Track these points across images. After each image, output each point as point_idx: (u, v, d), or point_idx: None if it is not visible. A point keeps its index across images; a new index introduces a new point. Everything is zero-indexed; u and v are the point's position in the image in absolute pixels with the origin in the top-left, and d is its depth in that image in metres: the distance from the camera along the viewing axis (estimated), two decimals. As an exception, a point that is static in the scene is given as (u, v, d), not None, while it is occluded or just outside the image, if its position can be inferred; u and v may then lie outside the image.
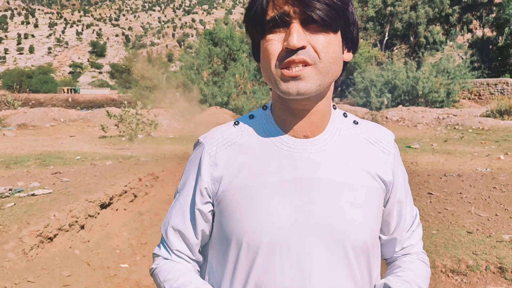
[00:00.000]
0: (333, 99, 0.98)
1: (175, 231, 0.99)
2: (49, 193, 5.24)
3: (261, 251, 0.88)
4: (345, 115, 1.03)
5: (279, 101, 0.94)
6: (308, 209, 0.89)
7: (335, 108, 1.01)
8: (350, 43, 0.93)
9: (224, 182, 0.93)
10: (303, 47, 0.81)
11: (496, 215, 5.09)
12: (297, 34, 0.80)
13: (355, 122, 1.02)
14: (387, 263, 1.11)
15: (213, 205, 0.96)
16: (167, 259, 1.00)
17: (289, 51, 0.82)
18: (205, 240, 1.01)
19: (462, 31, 42.64)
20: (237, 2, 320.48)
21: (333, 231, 0.89)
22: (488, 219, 4.93)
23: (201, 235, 0.99)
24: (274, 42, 0.84)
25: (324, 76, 0.85)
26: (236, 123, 1.00)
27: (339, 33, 0.87)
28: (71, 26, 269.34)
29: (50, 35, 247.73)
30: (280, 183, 0.90)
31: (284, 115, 0.94)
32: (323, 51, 0.83)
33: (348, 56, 0.94)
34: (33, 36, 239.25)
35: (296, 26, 0.81)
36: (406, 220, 1.05)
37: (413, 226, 1.08)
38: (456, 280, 3.58)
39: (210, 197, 0.96)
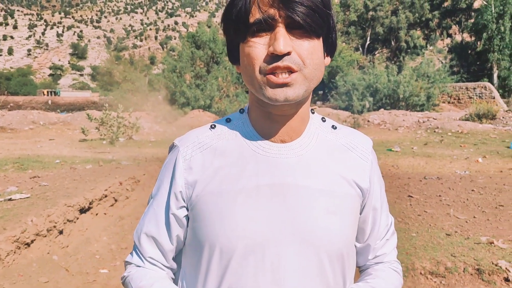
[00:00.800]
0: (315, 103, 0.97)
1: (148, 238, 0.96)
2: (27, 197, 5.14)
3: (234, 256, 0.86)
4: (323, 119, 1.02)
5: (257, 106, 0.92)
6: (283, 215, 0.87)
7: (313, 113, 1.00)
8: (330, 48, 0.92)
9: (198, 186, 0.91)
10: (288, 53, 0.80)
11: (474, 217, 5.18)
12: (283, 39, 0.79)
13: (334, 127, 1.01)
14: (360, 271, 1.10)
15: (187, 209, 0.94)
16: (140, 266, 0.97)
17: (274, 56, 0.80)
18: (180, 246, 0.98)
19: (442, 36, 43.40)
20: (220, 6, 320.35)
21: (308, 237, 0.87)
22: (466, 221, 5.01)
23: (176, 240, 0.96)
24: (258, 46, 0.82)
25: (310, 82, 0.84)
26: (213, 126, 0.98)
27: (321, 39, 0.86)
28: (52, 28, 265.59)
29: (30, 36, 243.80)
30: (256, 188, 0.89)
31: (262, 119, 0.93)
32: (308, 57, 0.82)
33: (327, 60, 0.93)
34: (12, 37, 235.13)
35: (282, 30, 0.79)
36: (381, 228, 1.04)
37: (387, 234, 1.06)
38: (435, 282, 3.62)
39: (184, 202, 0.93)
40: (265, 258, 0.86)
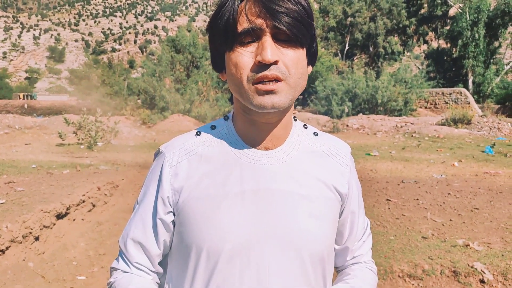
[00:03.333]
0: (295, 107, 0.99)
1: (135, 243, 0.98)
2: (2, 203, 5.03)
3: (221, 259, 0.89)
4: (305, 126, 1.05)
5: (242, 113, 0.94)
6: (267, 220, 0.91)
7: (295, 120, 1.03)
8: (312, 57, 0.95)
9: (184, 192, 0.93)
10: (275, 62, 0.82)
11: (451, 220, 5.27)
12: (271, 49, 0.81)
13: (315, 134, 1.05)
14: (337, 271, 1.15)
15: (174, 215, 0.96)
16: (126, 272, 0.98)
17: (261, 65, 0.82)
18: (166, 251, 1.00)
19: (419, 42, 44.23)
20: (200, 10, 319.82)
21: (291, 241, 0.91)
22: (443, 224, 5.10)
23: (163, 245, 0.98)
24: (245, 55, 0.84)
25: (294, 91, 0.86)
26: (198, 133, 1.00)
27: (305, 48, 0.88)
28: (28, 31, 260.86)
29: (6, 39, 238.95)
30: (241, 194, 0.91)
31: (247, 126, 0.95)
32: (293, 66, 0.84)
33: (309, 69, 0.96)
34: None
35: (269, 40, 0.82)
36: (358, 231, 1.09)
37: (364, 236, 1.12)
38: (413, 284, 3.67)
39: (171, 207, 0.95)
40: (250, 260, 0.89)
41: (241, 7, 0.84)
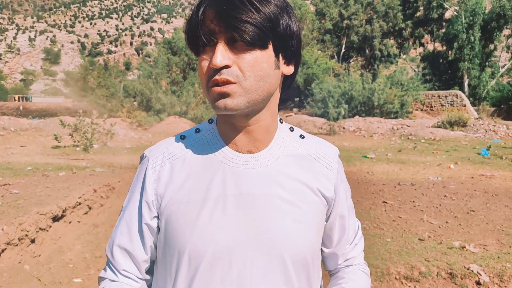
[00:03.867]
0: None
1: (121, 250, 0.97)
2: (-3, 205, 5.00)
3: (202, 264, 0.89)
4: (291, 129, 1.04)
5: (222, 116, 0.95)
6: (249, 224, 0.90)
7: (281, 122, 1.03)
8: (289, 56, 0.92)
9: (166, 196, 0.93)
10: (227, 66, 0.82)
11: (447, 222, 5.29)
12: (220, 54, 0.82)
13: (302, 137, 1.04)
14: (330, 274, 1.14)
15: (158, 219, 0.96)
16: (114, 281, 0.98)
17: (215, 70, 0.83)
18: (153, 257, 1.00)
19: (415, 45, 44.42)
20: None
21: (274, 246, 0.90)
22: (439, 227, 5.12)
23: (150, 251, 0.98)
24: (205, 61, 0.86)
25: (252, 93, 0.85)
26: (182, 137, 1.00)
27: (269, 49, 0.86)
28: (24, 32, 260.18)
29: (1, 41, 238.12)
30: (223, 198, 0.91)
31: (228, 130, 0.95)
32: (248, 69, 0.83)
33: (289, 69, 0.93)
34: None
35: (220, 46, 0.83)
36: (349, 234, 1.09)
37: (355, 239, 1.11)
38: (410, 286, 3.68)
39: (156, 211, 0.95)
40: (232, 265, 0.89)
41: (202, 14, 0.85)
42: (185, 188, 0.92)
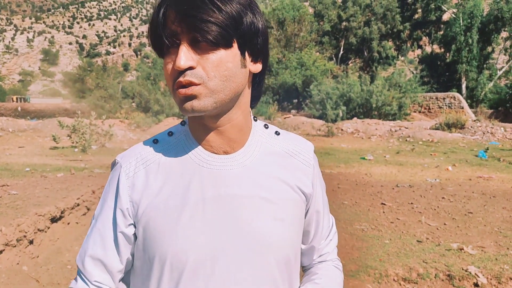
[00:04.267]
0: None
1: (94, 261, 0.93)
2: (-4, 206, 4.99)
3: (185, 272, 0.87)
4: (266, 126, 1.03)
5: (193, 118, 0.93)
6: (230, 226, 0.88)
7: (256, 120, 1.01)
8: (256, 54, 0.90)
9: (143, 203, 0.90)
10: (191, 68, 0.81)
11: (445, 224, 5.30)
12: (184, 55, 0.80)
13: (277, 133, 1.02)
14: (304, 270, 1.13)
15: (135, 227, 0.92)
16: None
17: (179, 72, 0.81)
18: (129, 266, 0.97)
19: (413, 47, 44.54)
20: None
21: (256, 246, 0.89)
22: (437, 228, 5.13)
23: (126, 260, 0.94)
24: (169, 63, 0.84)
25: (218, 94, 0.83)
26: (155, 141, 0.98)
27: (234, 47, 0.84)
28: (22, 33, 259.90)
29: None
30: (202, 201, 0.89)
31: (201, 131, 0.93)
32: (213, 70, 0.81)
33: (256, 67, 0.91)
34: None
35: (183, 47, 0.80)
36: (324, 229, 1.09)
37: (330, 235, 1.11)
38: (408, 288, 3.68)
39: (132, 219, 0.92)
40: (215, 270, 0.87)
41: (163, 16, 0.83)
42: (163, 193, 0.90)
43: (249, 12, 0.85)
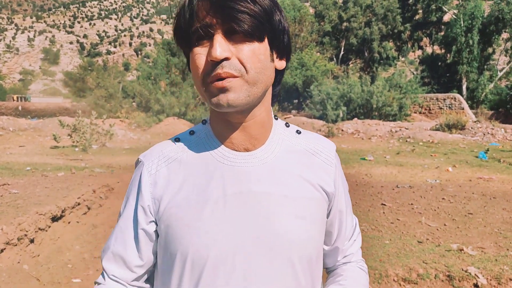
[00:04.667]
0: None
1: (114, 257, 0.96)
2: (-4, 205, 5.00)
3: (206, 268, 0.87)
4: (287, 125, 1.03)
5: (216, 115, 0.93)
6: (252, 223, 0.88)
7: (276, 119, 1.01)
8: (282, 51, 0.91)
9: (165, 200, 0.91)
10: (226, 59, 0.80)
11: (445, 225, 5.31)
12: (220, 46, 0.79)
13: (298, 132, 1.03)
14: (327, 272, 1.13)
15: (156, 224, 0.94)
16: (100, 283, 0.97)
17: (214, 64, 0.80)
18: (150, 263, 0.98)
19: (413, 47, 44.50)
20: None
21: (278, 244, 0.88)
22: (437, 229, 5.13)
23: (146, 256, 0.96)
24: (200, 56, 0.83)
25: (253, 87, 0.83)
26: (177, 139, 0.99)
27: (265, 41, 0.85)
28: (23, 32, 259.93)
29: (0, 40, 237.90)
30: (222, 198, 0.89)
31: (222, 128, 0.93)
32: (248, 61, 0.81)
33: (281, 64, 0.92)
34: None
35: (218, 37, 0.80)
36: (347, 229, 1.07)
37: (354, 235, 1.10)
38: (408, 288, 3.69)
39: (153, 216, 0.93)
40: (236, 267, 0.87)
41: (195, 6, 0.82)
42: (184, 191, 0.90)
43: (277, 10, 0.87)
